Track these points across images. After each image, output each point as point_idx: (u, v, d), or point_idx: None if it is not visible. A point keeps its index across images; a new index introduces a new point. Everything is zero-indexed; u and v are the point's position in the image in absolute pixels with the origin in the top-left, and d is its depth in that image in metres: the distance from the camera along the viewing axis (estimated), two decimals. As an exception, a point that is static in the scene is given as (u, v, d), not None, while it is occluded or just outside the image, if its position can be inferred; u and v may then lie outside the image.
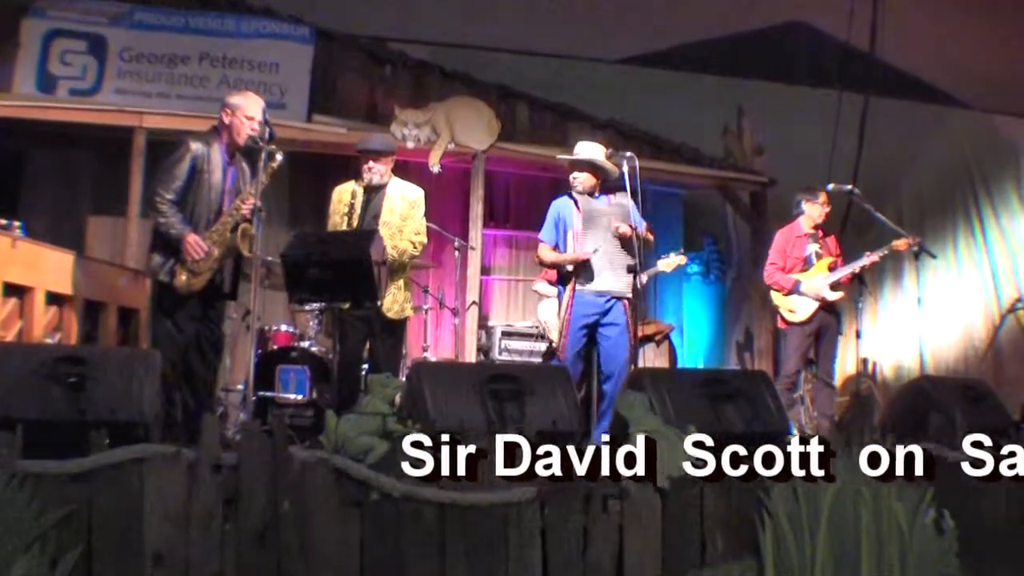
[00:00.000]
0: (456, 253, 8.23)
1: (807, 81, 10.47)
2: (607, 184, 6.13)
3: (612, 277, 5.90)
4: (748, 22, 10.32)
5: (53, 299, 5.92)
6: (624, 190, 5.95)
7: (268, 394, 6.52)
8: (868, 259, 7.09)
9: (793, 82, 10.53)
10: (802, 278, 7.02)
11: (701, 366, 10.51)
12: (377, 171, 5.90)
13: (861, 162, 9.94)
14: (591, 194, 6.06)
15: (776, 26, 10.49)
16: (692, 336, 10.96)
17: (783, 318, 7.12)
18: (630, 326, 5.89)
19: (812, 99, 10.32)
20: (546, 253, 6.11)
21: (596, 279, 5.88)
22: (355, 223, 5.87)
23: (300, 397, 6.55)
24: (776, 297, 7.12)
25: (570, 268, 5.97)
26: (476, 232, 9.09)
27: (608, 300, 5.88)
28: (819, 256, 7.12)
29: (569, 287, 5.92)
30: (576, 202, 6.04)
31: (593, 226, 5.97)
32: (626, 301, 5.91)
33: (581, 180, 6.07)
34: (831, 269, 7.07)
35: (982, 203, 10.24)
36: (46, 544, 2.73)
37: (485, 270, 9.59)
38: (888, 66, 10.08)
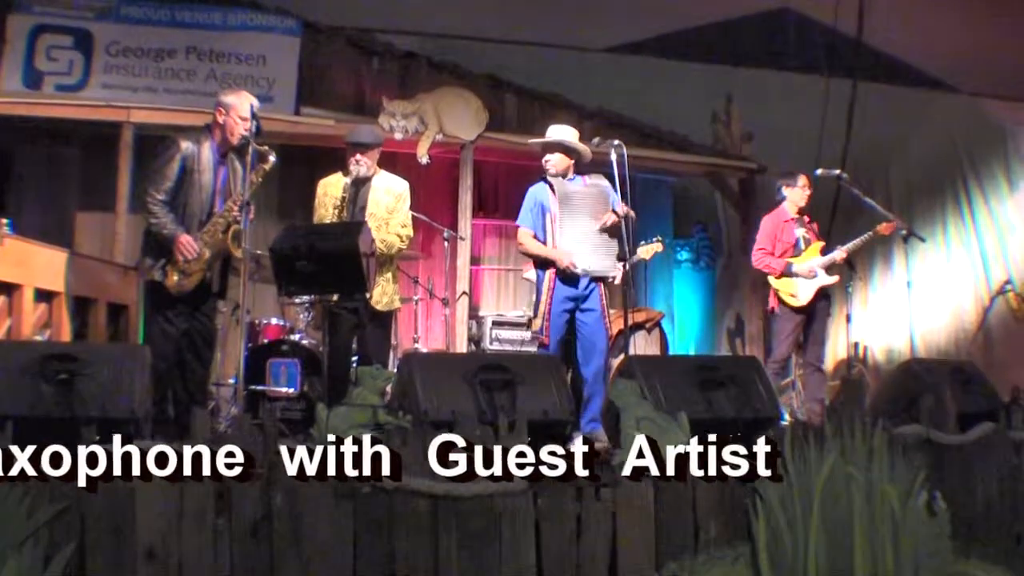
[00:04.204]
0: (445, 244, 8.21)
1: (795, 67, 10.44)
2: (581, 166, 6.11)
3: (591, 259, 5.87)
4: (736, 9, 10.29)
5: (42, 296, 5.90)
6: (599, 172, 5.95)
7: (259, 388, 6.53)
8: (855, 243, 7.12)
9: (781, 68, 10.49)
10: (795, 262, 7.01)
11: (692, 353, 10.52)
12: (364, 163, 5.88)
13: (850, 147, 9.94)
14: (565, 176, 6.03)
15: (764, 13, 10.45)
16: (683, 323, 10.99)
17: (781, 300, 7.04)
18: (605, 311, 5.88)
19: (800, 85, 10.30)
20: (528, 241, 6.03)
21: (576, 262, 5.84)
22: (345, 216, 5.87)
23: (291, 390, 6.55)
24: (775, 281, 7.07)
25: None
26: (465, 222, 9.08)
27: (588, 285, 5.86)
28: (807, 241, 7.12)
29: (550, 271, 5.89)
30: (551, 186, 6.01)
31: (570, 208, 5.92)
32: (601, 284, 5.89)
33: (554, 162, 6.02)
34: (822, 253, 7.07)
35: (971, 186, 10.23)
36: (38, 541, 2.72)
37: (475, 260, 9.58)
38: (876, 51, 10.07)
